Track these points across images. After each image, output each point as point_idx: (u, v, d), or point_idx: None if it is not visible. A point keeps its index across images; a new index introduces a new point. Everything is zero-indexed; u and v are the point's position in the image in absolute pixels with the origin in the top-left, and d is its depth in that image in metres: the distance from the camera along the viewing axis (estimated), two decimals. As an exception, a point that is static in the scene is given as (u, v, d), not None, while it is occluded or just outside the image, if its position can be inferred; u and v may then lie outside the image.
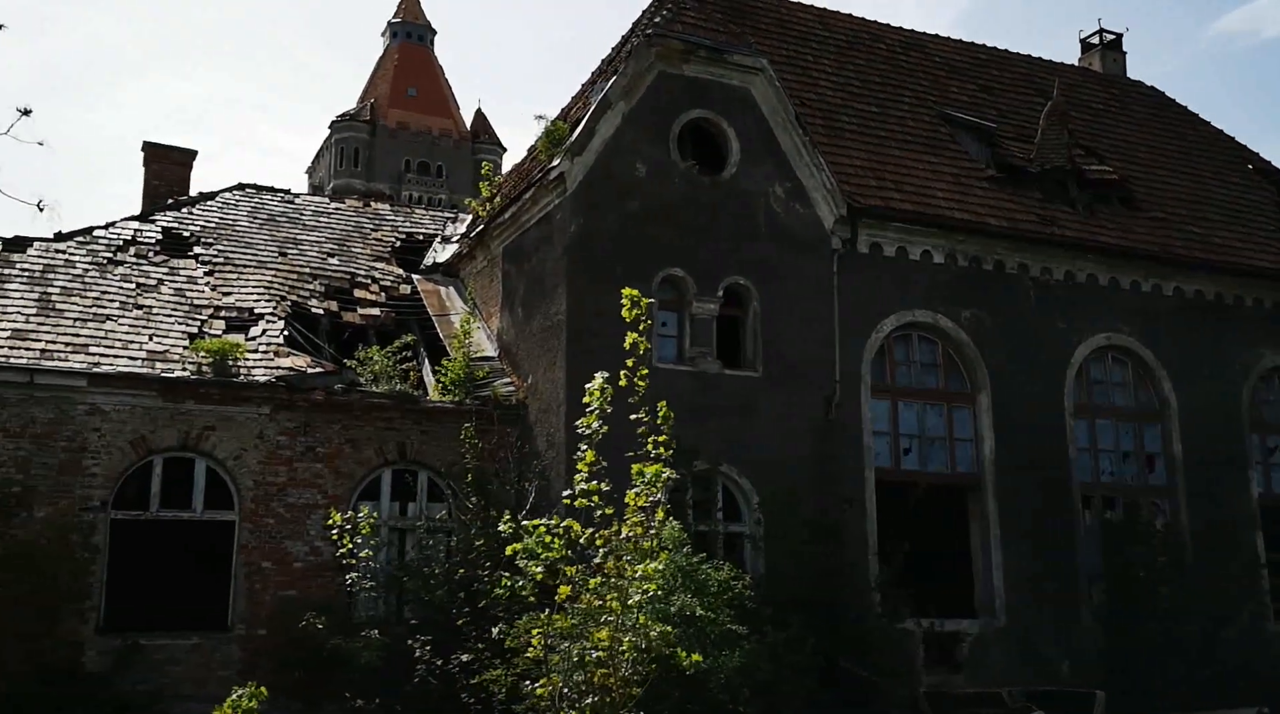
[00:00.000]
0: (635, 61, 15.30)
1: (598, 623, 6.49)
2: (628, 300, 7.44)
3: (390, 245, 20.00)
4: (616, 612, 6.32)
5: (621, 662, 6.37)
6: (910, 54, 21.88)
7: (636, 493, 6.69)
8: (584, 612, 6.72)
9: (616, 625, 6.34)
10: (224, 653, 13.54)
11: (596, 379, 7.24)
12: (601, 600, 6.45)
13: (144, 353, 14.19)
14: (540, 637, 6.76)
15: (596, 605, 6.51)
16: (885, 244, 16.62)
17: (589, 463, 6.86)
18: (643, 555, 6.51)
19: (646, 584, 6.50)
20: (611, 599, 6.35)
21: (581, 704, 6.50)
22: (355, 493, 14.64)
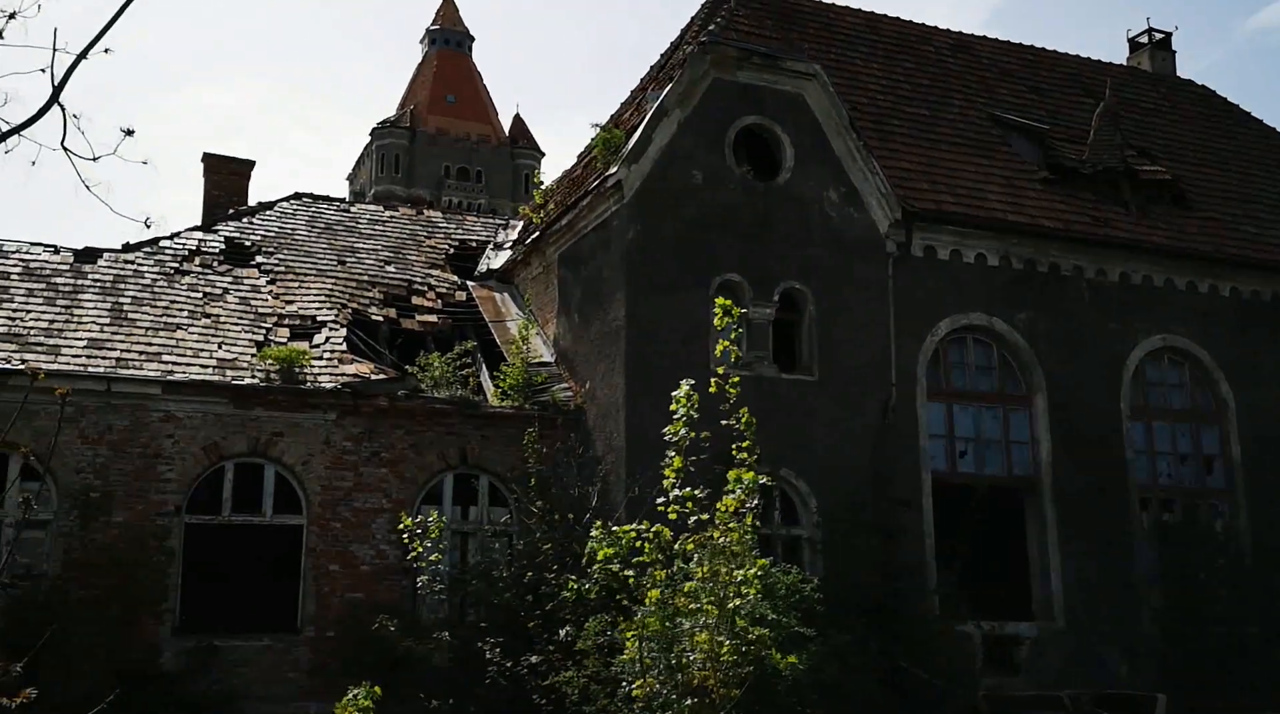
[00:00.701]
0: (691, 69, 15.46)
1: (697, 625, 6.63)
2: (720, 309, 7.55)
3: (444, 252, 20.28)
4: (712, 614, 6.46)
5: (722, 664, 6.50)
6: (958, 56, 21.87)
7: (734, 497, 6.81)
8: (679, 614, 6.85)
9: (716, 628, 6.48)
10: (294, 654, 13.83)
11: (683, 386, 7.38)
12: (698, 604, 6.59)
13: (214, 361, 14.54)
14: (635, 639, 6.91)
15: (693, 608, 6.64)
16: (939, 247, 16.66)
17: (676, 469, 7.00)
18: (737, 560, 6.64)
19: (746, 588, 6.64)
20: (708, 603, 6.49)
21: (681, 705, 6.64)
22: (419, 497, 14.90)
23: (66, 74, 5.86)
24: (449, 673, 12.36)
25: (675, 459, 7.13)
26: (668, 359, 14.75)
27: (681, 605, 6.81)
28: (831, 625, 12.30)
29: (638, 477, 13.60)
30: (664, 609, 6.99)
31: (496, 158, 78.98)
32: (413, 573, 14.60)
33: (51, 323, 14.36)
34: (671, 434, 7.34)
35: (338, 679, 13.76)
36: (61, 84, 5.87)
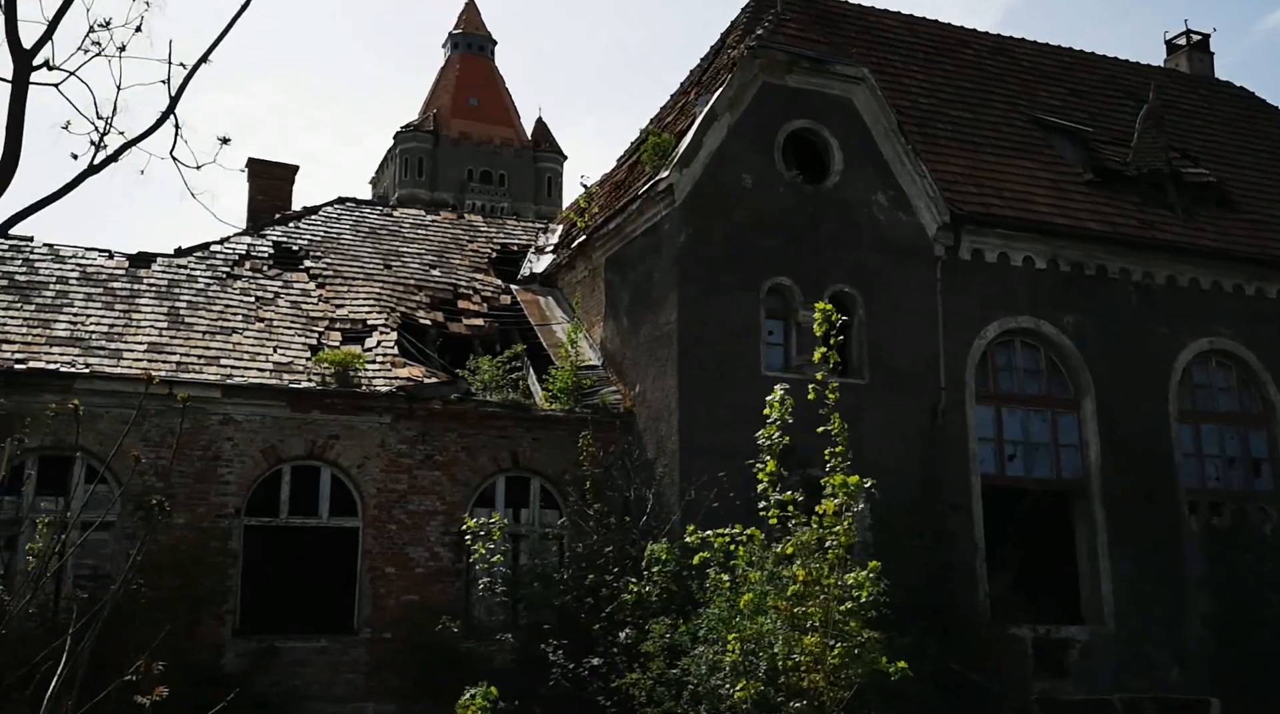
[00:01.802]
0: (740, 73, 15.52)
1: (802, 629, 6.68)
2: (820, 315, 7.58)
3: (486, 256, 20.39)
4: (817, 617, 6.51)
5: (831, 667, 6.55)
6: (997, 58, 21.86)
7: (837, 503, 6.87)
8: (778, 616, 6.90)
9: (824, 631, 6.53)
10: (351, 655, 13.94)
11: (776, 391, 7.45)
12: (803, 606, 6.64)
13: (270, 365, 14.67)
14: (736, 642, 6.96)
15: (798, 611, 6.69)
16: (987, 250, 16.67)
17: (770, 472, 7.06)
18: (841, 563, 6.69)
19: (858, 591, 6.69)
20: (813, 607, 6.54)
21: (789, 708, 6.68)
22: (471, 500, 14.99)
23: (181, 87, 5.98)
24: (508, 674, 12.42)
25: (769, 462, 7.20)
26: (719, 362, 14.83)
27: (783, 608, 6.86)
28: (890, 629, 12.32)
29: (693, 480, 13.69)
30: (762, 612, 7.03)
31: (519, 161, 79.23)
32: (466, 575, 14.75)
33: (111, 327, 14.54)
34: (765, 438, 7.40)
35: (396, 680, 13.93)
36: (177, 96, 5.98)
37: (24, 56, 5.12)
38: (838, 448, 7.42)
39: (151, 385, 5.99)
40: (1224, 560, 16.80)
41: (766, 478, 7.24)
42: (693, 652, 10.99)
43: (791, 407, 7.61)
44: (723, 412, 14.57)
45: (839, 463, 7.21)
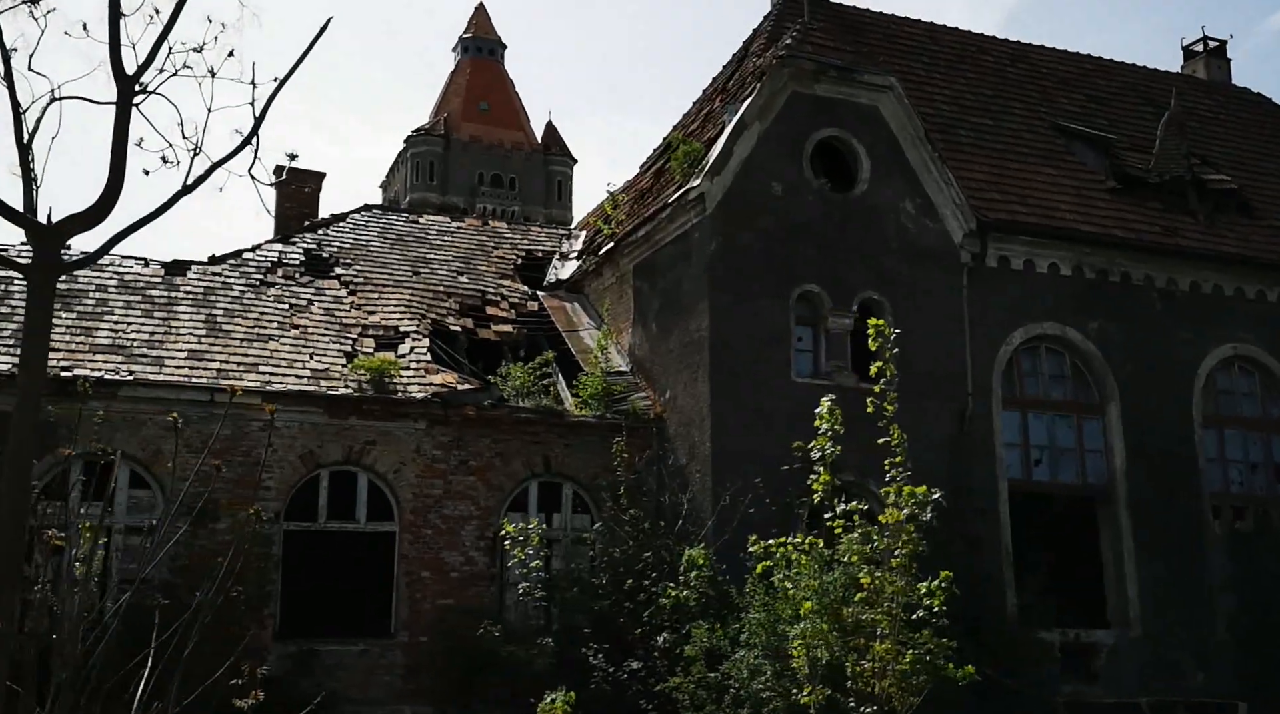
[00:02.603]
0: (770, 82, 15.69)
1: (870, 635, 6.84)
2: (873, 329, 7.74)
3: (512, 262, 20.58)
4: (884, 624, 6.68)
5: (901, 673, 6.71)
6: (1017, 65, 22.02)
7: (905, 512, 7.03)
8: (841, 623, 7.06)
9: (896, 638, 6.70)
10: (388, 658, 14.13)
11: (825, 402, 7.60)
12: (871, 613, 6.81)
13: (308, 372, 14.87)
14: (801, 648, 7.12)
15: (866, 618, 6.86)
16: (1013, 257, 16.82)
17: (824, 482, 7.22)
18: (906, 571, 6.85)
19: (931, 599, 6.85)
20: (880, 614, 6.71)
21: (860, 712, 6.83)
22: (505, 505, 15.18)
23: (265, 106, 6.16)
24: (547, 678, 12.59)
25: (823, 473, 7.36)
26: (749, 368, 15.00)
27: (846, 615, 7.02)
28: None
29: (727, 485, 13.85)
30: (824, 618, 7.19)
31: (529, 165, 79.45)
32: (500, 579, 14.94)
33: (152, 335, 14.74)
34: (818, 448, 7.53)
35: (432, 683, 14.11)
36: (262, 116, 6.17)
37: (127, 82, 5.31)
38: (897, 458, 7.59)
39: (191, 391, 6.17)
40: (1248, 564, 16.94)
41: (820, 488, 7.39)
42: (733, 656, 11.18)
43: (841, 417, 7.73)
44: (754, 417, 14.76)
45: (899, 473, 7.35)
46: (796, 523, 14.20)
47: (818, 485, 7.52)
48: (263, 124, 6.22)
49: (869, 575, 6.96)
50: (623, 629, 12.61)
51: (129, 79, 5.30)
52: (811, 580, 7.21)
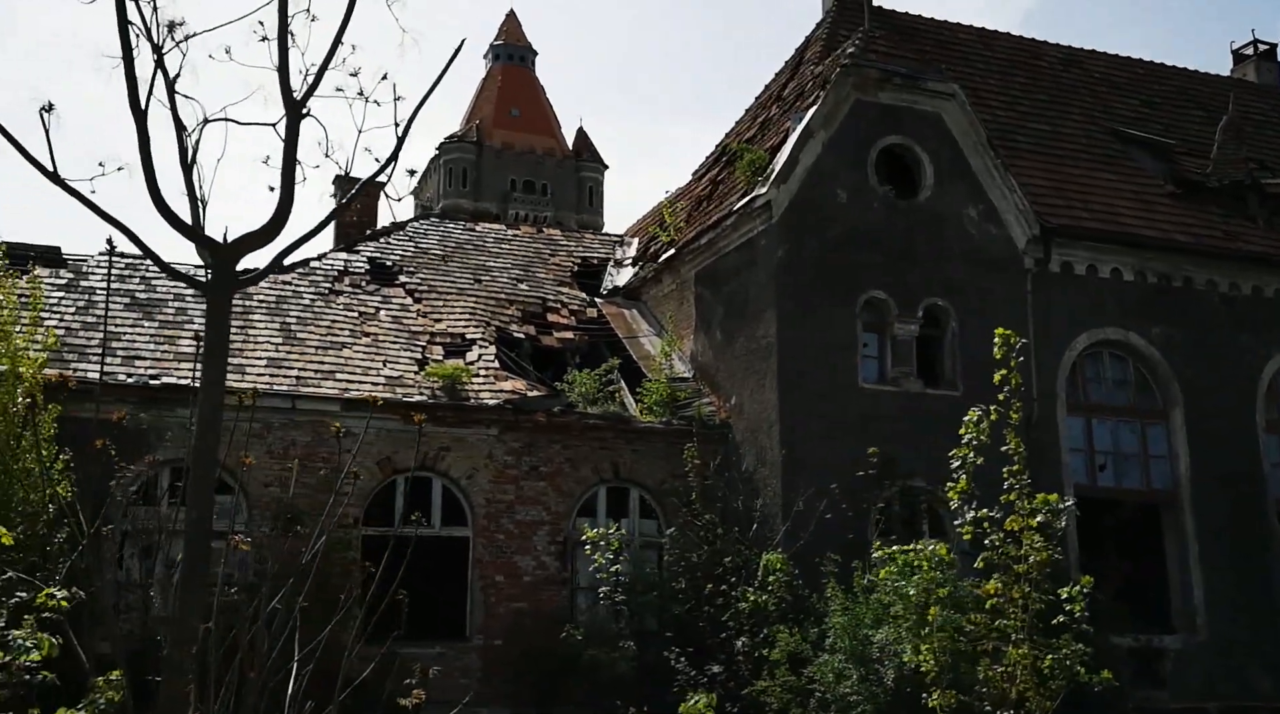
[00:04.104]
0: (835, 90, 15.82)
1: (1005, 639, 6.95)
2: (999, 339, 7.86)
3: (569, 270, 20.79)
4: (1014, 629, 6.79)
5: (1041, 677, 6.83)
6: (1070, 71, 22.03)
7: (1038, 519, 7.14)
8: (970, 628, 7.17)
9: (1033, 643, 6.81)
10: (465, 661, 14.33)
11: (973, 412, 7.71)
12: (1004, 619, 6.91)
13: (382, 379, 15.12)
14: (929, 653, 7.25)
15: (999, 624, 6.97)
16: (1076, 263, 16.87)
17: (960, 491, 7.34)
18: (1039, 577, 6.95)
19: (1070, 605, 6.96)
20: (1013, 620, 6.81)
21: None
22: (575, 510, 15.37)
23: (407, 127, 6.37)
24: (627, 681, 12.76)
25: (961, 481, 7.46)
26: (817, 375, 15.12)
27: (978, 621, 7.14)
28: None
29: (800, 490, 13.98)
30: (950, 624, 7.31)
31: (561, 170, 79.81)
32: (571, 583, 15.13)
33: (231, 342, 15.01)
34: (958, 456, 7.66)
35: (508, 686, 14.31)
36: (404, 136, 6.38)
37: (295, 106, 5.52)
38: (1015, 466, 7.67)
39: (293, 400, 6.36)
40: (1313, 570, 16.87)
41: (957, 496, 7.50)
42: (817, 659, 11.31)
43: (988, 427, 7.83)
44: (822, 424, 14.89)
45: (1018, 481, 7.46)
46: (867, 527, 14.37)
47: (953, 493, 7.63)
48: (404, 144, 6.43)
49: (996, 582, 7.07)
50: (702, 633, 12.75)
51: (297, 103, 5.50)
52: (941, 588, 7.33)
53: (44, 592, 4.73)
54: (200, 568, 5.30)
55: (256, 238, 5.46)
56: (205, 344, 5.49)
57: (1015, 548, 6.97)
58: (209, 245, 5.38)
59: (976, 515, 7.28)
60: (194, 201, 5.72)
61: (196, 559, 5.23)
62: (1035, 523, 7.02)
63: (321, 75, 5.53)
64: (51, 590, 4.73)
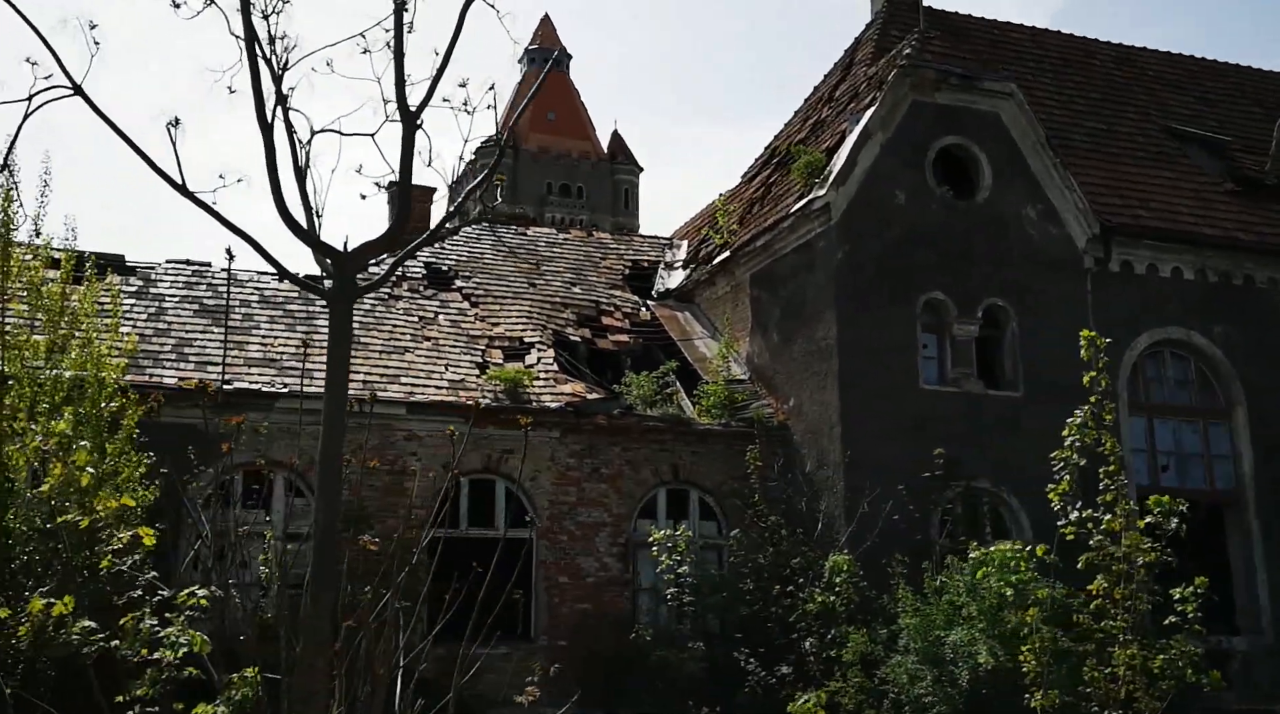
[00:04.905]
0: (892, 92, 15.83)
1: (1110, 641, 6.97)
2: (1085, 341, 7.87)
3: (620, 273, 20.90)
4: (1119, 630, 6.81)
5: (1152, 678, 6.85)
6: (1123, 69, 21.86)
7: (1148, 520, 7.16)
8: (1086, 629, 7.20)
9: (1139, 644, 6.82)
10: (530, 662, 14.42)
11: (1077, 415, 7.73)
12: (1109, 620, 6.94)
13: (445, 382, 15.30)
14: (1030, 654, 7.27)
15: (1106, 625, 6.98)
16: (1136, 262, 16.76)
17: (1062, 492, 7.37)
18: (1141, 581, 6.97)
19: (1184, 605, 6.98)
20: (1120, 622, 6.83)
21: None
22: (636, 512, 15.47)
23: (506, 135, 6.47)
24: (696, 681, 12.83)
25: (1064, 481, 7.48)
26: (877, 376, 15.13)
27: (1082, 623, 7.16)
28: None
29: (865, 492, 13.99)
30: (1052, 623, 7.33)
31: (596, 173, 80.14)
32: (633, 584, 15.24)
33: (298, 348, 15.25)
34: (1059, 459, 7.69)
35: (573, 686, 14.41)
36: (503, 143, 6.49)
37: (410, 117, 5.66)
38: (1112, 467, 7.68)
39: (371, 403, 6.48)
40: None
41: (1058, 497, 7.53)
42: (889, 661, 11.33)
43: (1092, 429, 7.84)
44: (883, 425, 14.89)
45: (1115, 482, 7.47)
46: (930, 529, 14.37)
47: (1054, 495, 7.66)
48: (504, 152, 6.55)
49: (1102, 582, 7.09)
50: (769, 634, 12.80)
51: (412, 114, 5.64)
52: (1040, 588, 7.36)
53: (185, 591, 4.88)
54: (330, 569, 5.45)
55: (376, 246, 5.61)
56: (329, 350, 5.64)
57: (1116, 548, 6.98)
58: (331, 254, 5.52)
59: (1081, 516, 7.29)
60: (309, 212, 5.87)
61: (326, 560, 5.38)
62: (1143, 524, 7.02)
63: (434, 87, 5.66)
64: (193, 589, 4.88)
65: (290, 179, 6.03)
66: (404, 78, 5.62)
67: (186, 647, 4.66)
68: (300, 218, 5.89)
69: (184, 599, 4.88)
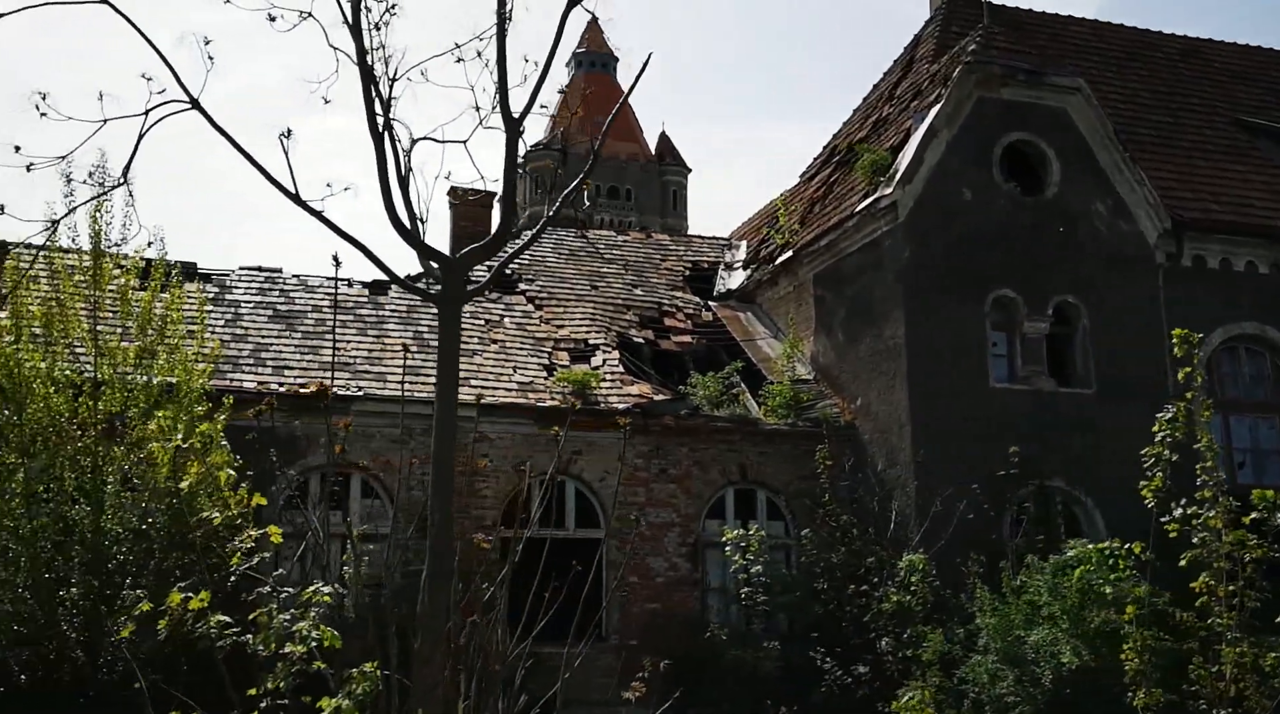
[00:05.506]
0: (957, 88, 15.73)
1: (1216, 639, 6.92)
2: (1178, 339, 7.82)
3: (680, 274, 20.98)
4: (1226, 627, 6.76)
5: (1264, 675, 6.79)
6: (1189, 61, 21.52)
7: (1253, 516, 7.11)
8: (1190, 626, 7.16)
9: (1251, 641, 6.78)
10: (602, 662, 14.51)
11: (1167, 410, 7.69)
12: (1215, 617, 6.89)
13: (514, 384, 15.47)
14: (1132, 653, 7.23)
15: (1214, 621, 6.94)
16: (1209, 257, 16.51)
17: (1155, 488, 7.32)
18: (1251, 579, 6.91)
19: None
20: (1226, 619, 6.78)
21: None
22: (704, 512, 15.52)
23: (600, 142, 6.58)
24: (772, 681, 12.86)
25: (1156, 478, 7.43)
26: (946, 375, 15.05)
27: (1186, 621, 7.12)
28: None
29: (937, 491, 13.92)
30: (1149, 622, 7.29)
31: (644, 175, 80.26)
32: (702, 584, 15.29)
33: (370, 352, 15.52)
34: (1150, 455, 7.64)
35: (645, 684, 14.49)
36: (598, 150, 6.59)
37: (513, 124, 5.77)
38: (1208, 463, 7.60)
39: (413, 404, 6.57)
40: None
41: (1151, 494, 7.48)
42: (968, 660, 11.28)
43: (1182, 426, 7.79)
44: (953, 424, 14.81)
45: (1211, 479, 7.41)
46: (1003, 528, 14.25)
47: (1147, 491, 7.62)
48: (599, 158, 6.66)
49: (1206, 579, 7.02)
50: (843, 634, 12.79)
51: (515, 121, 5.75)
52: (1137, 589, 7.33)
53: (311, 587, 5.02)
54: (446, 565, 5.58)
55: (482, 251, 5.71)
56: (439, 353, 5.76)
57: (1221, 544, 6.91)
58: (440, 259, 5.64)
59: (1185, 513, 7.23)
60: (413, 217, 6.01)
61: (441, 558, 5.51)
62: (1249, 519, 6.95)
63: (536, 95, 5.77)
64: (318, 586, 5.03)
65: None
66: (507, 87, 5.73)
67: (317, 641, 4.80)
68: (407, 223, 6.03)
69: (309, 596, 5.02)
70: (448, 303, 5.68)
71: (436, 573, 5.59)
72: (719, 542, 14.63)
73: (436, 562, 5.57)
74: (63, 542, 10.26)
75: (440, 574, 5.58)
